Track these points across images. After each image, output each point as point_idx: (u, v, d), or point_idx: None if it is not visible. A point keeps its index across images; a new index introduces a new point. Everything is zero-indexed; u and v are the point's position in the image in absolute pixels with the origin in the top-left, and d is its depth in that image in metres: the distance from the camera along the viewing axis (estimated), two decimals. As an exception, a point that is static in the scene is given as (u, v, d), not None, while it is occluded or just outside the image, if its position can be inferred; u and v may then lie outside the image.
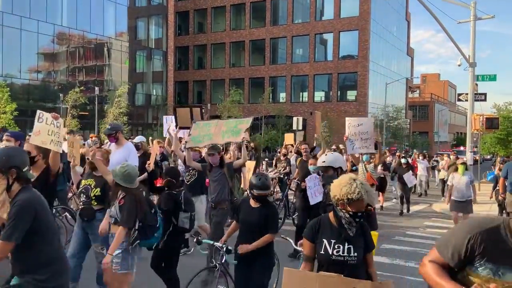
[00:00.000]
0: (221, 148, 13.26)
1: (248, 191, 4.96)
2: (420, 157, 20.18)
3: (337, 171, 5.49)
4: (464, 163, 10.11)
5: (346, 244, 3.36)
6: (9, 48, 31.77)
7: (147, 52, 43.89)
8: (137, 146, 8.42)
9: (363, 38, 43.43)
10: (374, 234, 5.12)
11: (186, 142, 7.33)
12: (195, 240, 5.01)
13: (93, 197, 5.50)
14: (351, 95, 45.11)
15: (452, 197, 9.92)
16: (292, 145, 14.57)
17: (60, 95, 33.00)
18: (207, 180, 7.48)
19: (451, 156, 19.76)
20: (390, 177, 15.70)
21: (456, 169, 10.04)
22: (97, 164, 5.49)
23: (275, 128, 41.79)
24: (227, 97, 41.71)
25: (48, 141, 5.10)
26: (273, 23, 47.64)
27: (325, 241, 3.38)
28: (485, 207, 14.96)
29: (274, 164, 14.45)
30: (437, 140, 61.37)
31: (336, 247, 3.35)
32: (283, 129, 41.46)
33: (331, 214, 3.47)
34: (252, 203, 4.77)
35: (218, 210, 6.77)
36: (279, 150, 14.66)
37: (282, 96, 47.82)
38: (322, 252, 3.37)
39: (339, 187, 3.30)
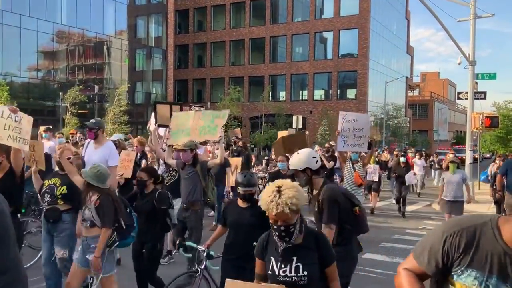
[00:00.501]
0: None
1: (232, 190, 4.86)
2: (417, 156, 19.77)
3: (306, 173, 4.31)
4: (454, 161, 9.44)
5: (294, 262, 2.87)
6: (8, 46, 31.74)
7: (147, 50, 43.84)
8: (115, 145, 8.14)
9: (363, 37, 43.43)
10: None
11: (167, 139, 6.96)
12: (177, 242, 4.84)
13: (59, 196, 5.18)
14: (351, 93, 45.12)
15: (443, 197, 9.29)
16: None
17: (60, 93, 33.01)
18: None
19: (450, 155, 19.45)
20: (386, 177, 15.52)
21: (447, 168, 9.48)
22: (63, 162, 5.10)
23: (275, 126, 41.79)
24: (227, 96, 41.70)
25: (5, 137, 4.71)
26: (273, 22, 47.61)
27: (272, 259, 2.94)
28: (484, 207, 14.88)
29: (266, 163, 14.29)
30: (437, 138, 61.39)
31: (282, 266, 2.89)
32: (283, 128, 41.50)
33: None
34: (240, 203, 4.54)
35: (191, 212, 6.23)
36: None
37: (282, 94, 47.82)
38: (269, 272, 2.94)
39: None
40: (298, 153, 4.26)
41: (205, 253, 4.56)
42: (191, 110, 26.80)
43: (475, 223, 1.94)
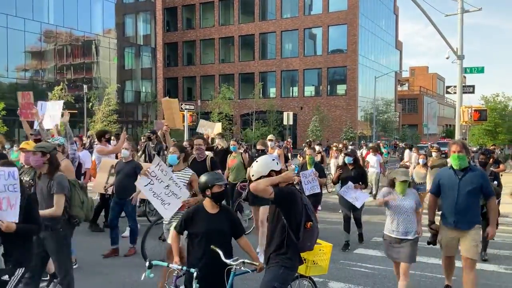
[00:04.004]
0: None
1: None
2: (371, 152, 15.94)
3: (271, 176, 4.09)
4: (405, 181, 5.63)
5: None
6: (-5, 46, 31.44)
7: (136, 49, 43.64)
8: None
9: (351, 32, 43.58)
10: (328, 246, 4.73)
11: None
12: (147, 263, 3.94)
13: None
14: (341, 89, 45.30)
15: (386, 233, 5.77)
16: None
17: (49, 93, 32.73)
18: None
19: (433, 153, 12.92)
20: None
21: (393, 184, 5.74)
22: None
23: (266, 123, 41.88)
24: (217, 93, 41.66)
25: None
26: (262, 18, 47.61)
27: None
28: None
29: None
30: (427, 132, 61.87)
31: None
32: (274, 124, 41.59)
33: None
34: (210, 208, 4.20)
35: (50, 233, 4.82)
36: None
37: (272, 91, 47.88)
38: None
39: None
40: (257, 161, 4.17)
41: (194, 274, 3.83)
42: (181, 107, 25.73)
43: None
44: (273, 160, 4.16)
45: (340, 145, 19.09)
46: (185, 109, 25.24)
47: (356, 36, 43.51)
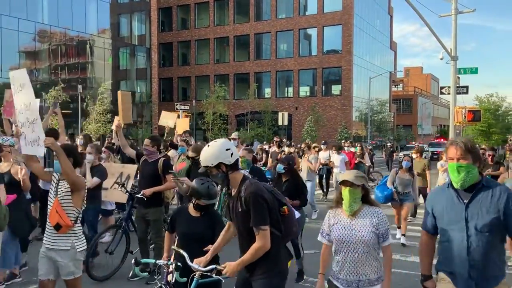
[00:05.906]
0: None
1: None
2: (333, 150, 14.40)
3: (221, 169, 3.44)
4: (349, 185, 3.44)
5: None
6: (-11, 46, 31.28)
7: (130, 49, 43.55)
8: None
9: (346, 33, 43.68)
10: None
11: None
12: (133, 261, 3.88)
13: None
14: (335, 89, 45.39)
15: (330, 275, 3.64)
16: (182, 135, 11.12)
17: (43, 93, 32.58)
18: None
19: (413, 154, 11.49)
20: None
21: (340, 200, 3.55)
22: None
23: (261, 124, 41.90)
24: (212, 93, 41.68)
25: None
26: (257, 19, 47.63)
27: None
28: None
29: None
30: (421, 133, 62.13)
31: None
32: (269, 125, 41.62)
33: None
34: (192, 211, 4.19)
35: None
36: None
37: (267, 91, 47.91)
38: None
39: None
40: (208, 146, 3.50)
41: (174, 265, 3.79)
42: (176, 108, 25.97)
43: None
44: (228, 150, 3.43)
45: (303, 145, 16.11)
46: (180, 109, 25.32)
47: (351, 37, 43.62)
